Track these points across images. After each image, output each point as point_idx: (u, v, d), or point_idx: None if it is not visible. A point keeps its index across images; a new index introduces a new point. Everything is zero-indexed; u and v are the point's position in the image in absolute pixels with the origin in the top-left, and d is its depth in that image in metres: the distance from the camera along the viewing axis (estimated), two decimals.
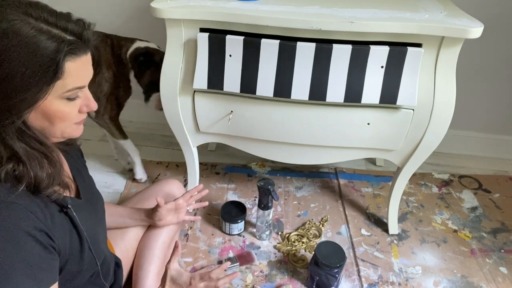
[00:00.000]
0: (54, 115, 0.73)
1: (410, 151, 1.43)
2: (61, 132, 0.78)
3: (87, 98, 0.79)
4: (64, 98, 0.73)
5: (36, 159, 0.73)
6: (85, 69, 0.75)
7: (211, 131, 1.49)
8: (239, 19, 1.22)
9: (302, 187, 1.89)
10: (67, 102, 0.74)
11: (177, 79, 1.37)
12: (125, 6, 1.97)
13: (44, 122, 0.74)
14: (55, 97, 0.72)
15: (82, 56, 0.73)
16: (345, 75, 1.26)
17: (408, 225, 1.70)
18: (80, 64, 0.73)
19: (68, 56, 0.70)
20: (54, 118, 0.74)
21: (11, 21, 0.66)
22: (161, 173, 1.95)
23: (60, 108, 0.74)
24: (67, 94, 0.73)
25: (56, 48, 0.68)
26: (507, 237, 1.66)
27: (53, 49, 0.68)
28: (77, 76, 0.73)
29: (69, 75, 0.71)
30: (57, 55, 0.68)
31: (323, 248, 1.37)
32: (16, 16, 0.67)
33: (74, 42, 0.70)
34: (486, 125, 2.11)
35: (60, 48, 0.68)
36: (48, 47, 0.67)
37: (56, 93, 0.71)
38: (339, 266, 1.33)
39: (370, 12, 1.25)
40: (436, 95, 1.30)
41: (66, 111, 0.75)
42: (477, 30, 1.17)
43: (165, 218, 1.25)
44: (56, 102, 0.73)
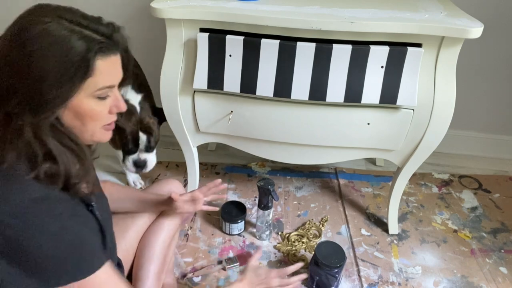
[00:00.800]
0: (85, 114, 0.77)
1: (410, 151, 1.43)
2: (91, 134, 0.81)
3: (117, 98, 0.82)
4: (95, 97, 0.77)
5: (68, 156, 0.76)
6: (114, 68, 0.79)
7: (211, 131, 1.49)
8: (239, 19, 1.22)
9: (302, 187, 1.89)
10: (98, 101, 0.78)
11: (177, 79, 1.37)
12: (125, 6, 1.97)
13: (76, 122, 0.77)
14: (87, 95, 0.75)
15: (112, 56, 0.77)
16: (345, 75, 1.26)
17: (408, 225, 1.70)
18: (110, 64, 0.77)
19: (98, 55, 0.74)
20: (85, 117, 0.77)
21: (47, 23, 0.71)
22: (161, 173, 1.95)
23: (91, 106, 0.77)
24: (97, 92, 0.76)
25: (87, 47, 0.72)
26: (507, 237, 1.66)
27: (84, 48, 0.72)
28: (107, 75, 0.76)
29: (99, 73, 0.74)
30: (88, 53, 0.72)
31: (323, 248, 1.37)
32: (51, 18, 0.72)
33: (104, 42, 0.75)
34: (486, 125, 2.11)
35: (90, 47, 0.72)
36: (80, 46, 0.71)
37: (88, 91, 0.75)
38: (339, 266, 1.33)
39: (370, 12, 1.25)
40: (436, 95, 1.30)
41: (97, 110, 0.78)
42: (477, 30, 1.17)
43: (182, 207, 1.26)
44: (88, 101, 0.76)
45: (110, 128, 0.85)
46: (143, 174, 1.86)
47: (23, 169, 0.73)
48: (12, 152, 0.72)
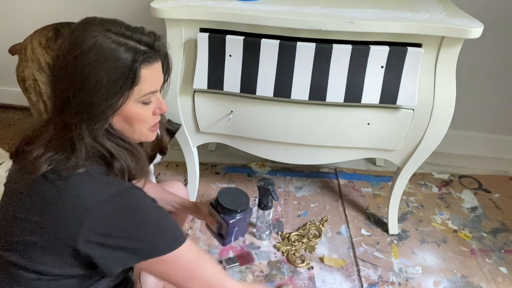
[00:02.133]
0: (133, 117, 0.83)
1: (410, 151, 1.43)
2: (139, 135, 0.87)
3: (160, 101, 0.88)
4: (140, 102, 0.82)
5: (126, 154, 0.84)
6: (157, 75, 0.84)
7: (211, 131, 1.49)
8: (239, 19, 1.22)
9: (302, 187, 1.89)
10: (143, 105, 0.83)
11: (177, 79, 1.37)
12: (125, 6, 1.97)
13: (124, 125, 0.84)
14: (133, 101, 0.81)
15: (155, 64, 0.82)
16: (345, 75, 1.26)
17: (408, 225, 1.70)
18: (153, 71, 0.82)
19: (143, 64, 0.79)
20: (133, 121, 0.84)
21: (95, 37, 0.76)
22: (161, 173, 1.95)
23: (138, 111, 0.83)
24: (143, 98, 0.82)
25: (133, 58, 0.77)
26: (507, 237, 1.66)
27: (130, 59, 0.77)
28: (150, 82, 0.82)
29: (144, 81, 0.80)
30: (134, 64, 0.77)
31: (229, 192, 1.25)
32: (99, 32, 0.77)
33: (148, 52, 0.79)
34: (486, 125, 2.11)
35: (136, 57, 0.77)
36: (127, 58, 0.77)
37: (134, 98, 0.80)
38: (233, 212, 1.19)
39: (370, 12, 1.25)
40: (436, 95, 1.30)
41: (143, 114, 0.84)
42: (477, 30, 1.17)
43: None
44: (134, 106, 0.82)
45: (156, 129, 0.92)
46: None
47: (100, 170, 0.81)
48: (83, 156, 0.78)
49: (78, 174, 0.77)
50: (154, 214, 0.83)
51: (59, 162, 0.78)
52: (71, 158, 0.78)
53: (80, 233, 0.74)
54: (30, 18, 2.05)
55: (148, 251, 0.80)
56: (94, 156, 0.80)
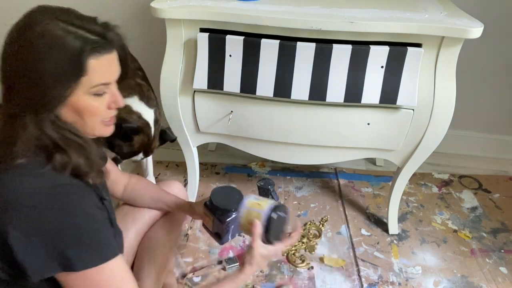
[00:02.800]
0: (83, 110, 0.80)
1: (410, 151, 1.43)
2: (92, 129, 0.84)
3: (115, 94, 0.84)
4: (91, 94, 0.79)
5: (74, 147, 0.80)
6: (109, 66, 0.80)
7: (211, 131, 1.49)
8: (239, 19, 1.22)
9: (302, 187, 1.89)
10: (94, 97, 0.80)
11: (177, 79, 1.37)
12: (125, 6, 1.97)
13: (76, 117, 0.80)
14: (83, 92, 0.77)
15: (106, 55, 0.78)
16: (345, 75, 1.26)
17: (408, 225, 1.70)
18: (105, 62, 0.78)
19: (92, 55, 0.75)
20: (84, 113, 0.80)
21: (44, 25, 0.73)
22: (161, 173, 1.95)
23: (89, 103, 0.79)
24: (93, 90, 0.79)
25: (81, 47, 0.74)
26: (507, 237, 1.66)
27: (78, 48, 0.74)
28: (101, 73, 0.78)
29: (93, 72, 0.76)
30: (81, 54, 0.74)
31: (222, 192, 1.20)
32: (48, 20, 0.74)
33: (97, 42, 0.77)
34: (486, 125, 2.11)
35: (84, 47, 0.74)
36: (74, 47, 0.74)
37: (84, 89, 0.77)
38: (226, 212, 1.14)
39: (370, 12, 1.25)
40: (436, 95, 1.30)
41: (95, 106, 0.81)
42: (477, 30, 1.17)
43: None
44: (84, 98, 0.78)
45: (110, 123, 0.88)
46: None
47: (39, 162, 0.77)
48: (23, 147, 0.75)
49: (14, 166, 0.75)
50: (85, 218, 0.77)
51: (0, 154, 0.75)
52: (12, 149, 0.75)
53: (10, 228, 0.72)
54: None
55: (67, 260, 0.75)
56: (36, 147, 0.77)
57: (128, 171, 1.94)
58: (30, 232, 0.73)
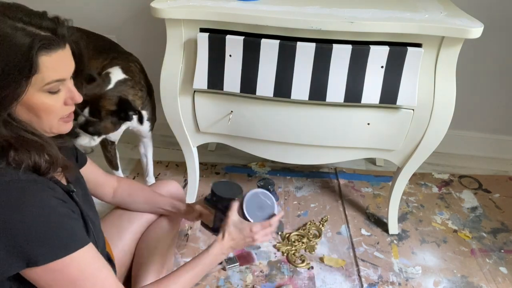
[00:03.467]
0: (38, 108, 0.77)
1: (410, 151, 1.43)
2: (49, 127, 0.81)
3: (70, 90, 0.82)
4: (45, 91, 0.76)
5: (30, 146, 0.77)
6: (62, 62, 0.78)
7: (211, 131, 1.49)
8: (239, 19, 1.22)
9: (302, 187, 1.89)
10: (49, 95, 0.77)
11: (177, 79, 1.37)
12: (125, 6, 1.97)
13: (31, 116, 0.78)
14: (36, 90, 0.75)
15: (58, 51, 0.76)
16: (345, 75, 1.26)
17: (408, 225, 1.70)
18: (57, 58, 0.76)
19: (42, 51, 0.73)
20: (39, 111, 0.77)
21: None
22: (161, 173, 1.95)
23: (43, 100, 0.77)
24: (47, 87, 0.76)
25: (30, 44, 0.71)
26: (507, 237, 1.66)
27: (27, 45, 0.71)
28: (54, 70, 0.76)
29: (45, 69, 0.74)
30: (30, 51, 0.71)
31: (222, 185, 1.24)
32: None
33: (48, 38, 0.74)
34: (486, 125, 2.11)
35: (33, 44, 0.71)
36: (23, 44, 0.71)
37: (37, 87, 0.75)
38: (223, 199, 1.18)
39: (370, 12, 1.25)
40: (436, 95, 1.30)
41: (50, 104, 0.78)
42: (477, 30, 1.17)
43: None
44: (38, 95, 0.76)
45: (69, 120, 0.85)
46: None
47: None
48: None
49: None
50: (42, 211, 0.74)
51: None
52: None
53: None
54: None
55: (28, 256, 0.73)
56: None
57: (128, 171, 1.94)
58: None
